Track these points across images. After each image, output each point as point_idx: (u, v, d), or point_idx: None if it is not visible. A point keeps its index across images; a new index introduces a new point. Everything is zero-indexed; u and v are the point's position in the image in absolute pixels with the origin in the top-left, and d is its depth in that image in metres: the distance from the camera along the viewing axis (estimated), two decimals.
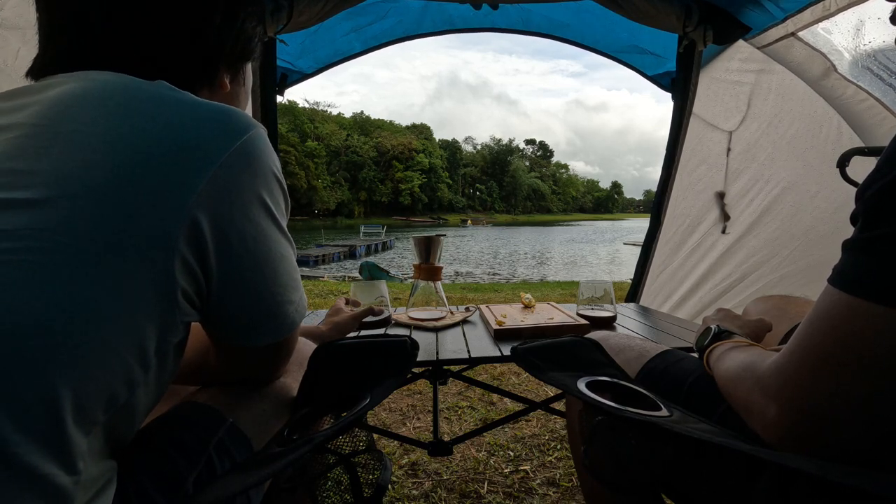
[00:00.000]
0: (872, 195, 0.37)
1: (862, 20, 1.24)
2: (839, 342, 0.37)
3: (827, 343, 0.38)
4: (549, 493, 1.32)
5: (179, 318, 0.39)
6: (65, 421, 0.31)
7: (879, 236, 0.36)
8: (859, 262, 0.37)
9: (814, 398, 0.38)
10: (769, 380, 0.42)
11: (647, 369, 0.68)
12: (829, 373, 0.37)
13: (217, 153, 0.40)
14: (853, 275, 0.37)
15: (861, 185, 0.39)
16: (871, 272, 0.36)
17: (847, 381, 0.36)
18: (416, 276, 1.29)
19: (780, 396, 0.41)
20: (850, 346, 0.36)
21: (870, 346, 0.35)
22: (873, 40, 1.25)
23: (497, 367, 2.41)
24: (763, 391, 0.43)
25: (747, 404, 0.46)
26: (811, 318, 0.40)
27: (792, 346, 0.41)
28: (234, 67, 0.55)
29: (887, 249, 0.35)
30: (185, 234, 0.37)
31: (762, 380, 0.43)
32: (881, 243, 0.36)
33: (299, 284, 0.52)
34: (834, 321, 0.38)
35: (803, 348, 0.40)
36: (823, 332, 0.38)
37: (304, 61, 1.86)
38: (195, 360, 0.56)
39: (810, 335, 0.39)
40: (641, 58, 1.93)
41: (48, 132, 0.36)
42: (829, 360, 0.37)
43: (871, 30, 1.24)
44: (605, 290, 1.24)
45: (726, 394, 0.52)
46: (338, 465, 0.49)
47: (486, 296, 5.32)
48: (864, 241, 0.37)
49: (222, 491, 0.40)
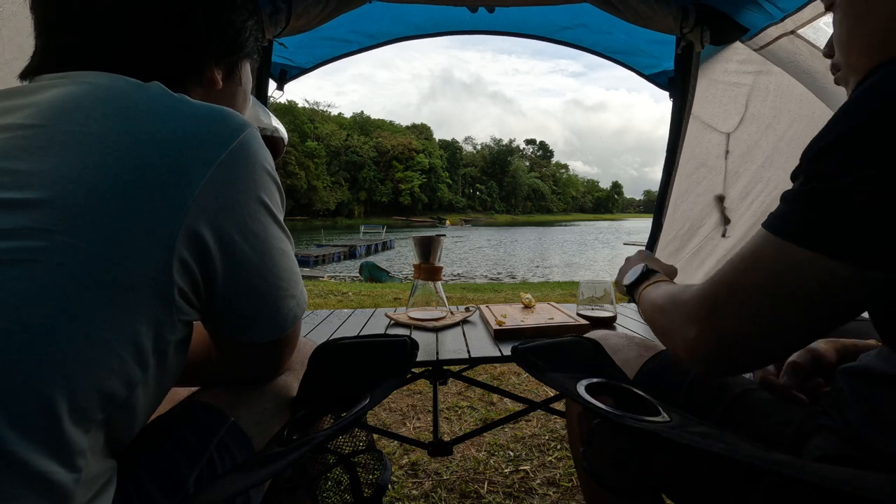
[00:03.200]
0: (812, 156, 0.41)
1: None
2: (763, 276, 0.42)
3: (751, 276, 0.43)
4: (549, 493, 1.32)
5: (177, 316, 0.39)
6: (61, 419, 0.32)
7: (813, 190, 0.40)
8: (793, 211, 0.42)
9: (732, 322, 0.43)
10: (692, 304, 0.47)
11: (646, 369, 0.68)
12: (749, 302, 0.42)
13: (214, 154, 0.40)
14: (786, 221, 0.42)
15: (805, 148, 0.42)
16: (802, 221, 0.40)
17: (764, 311, 0.42)
18: (416, 276, 1.29)
19: (700, 319, 0.45)
20: (771, 280, 0.41)
21: (789, 283, 0.40)
22: None
23: (497, 367, 2.41)
24: (685, 315, 0.47)
25: (670, 328, 0.50)
26: (740, 255, 0.45)
27: (716, 276, 0.46)
28: (225, 63, 0.55)
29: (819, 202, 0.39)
30: (183, 234, 0.38)
31: (685, 305, 0.48)
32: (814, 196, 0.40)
33: (299, 279, 0.52)
34: (762, 259, 0.43)
35: (728, 279, 0.45)
36: (749, 267, 0.43)
37: (303, 56, 1.86)
38: (196, 359, 0.56)
39: (735, 268, 0.44)
40: (638, 58, 1.94)
41: (46, 133, 0.37)
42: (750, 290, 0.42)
43: None
44: (606, 291, 1.24)
45: (650, 320, 0.58)
46: (338, 465, 0.49)
47: (486, 296, 5.32)
48: (800, 194, 0.41)
49: (223, 491, 0.40)
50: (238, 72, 0.57)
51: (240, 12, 0.54)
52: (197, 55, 0.51)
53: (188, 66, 0.51)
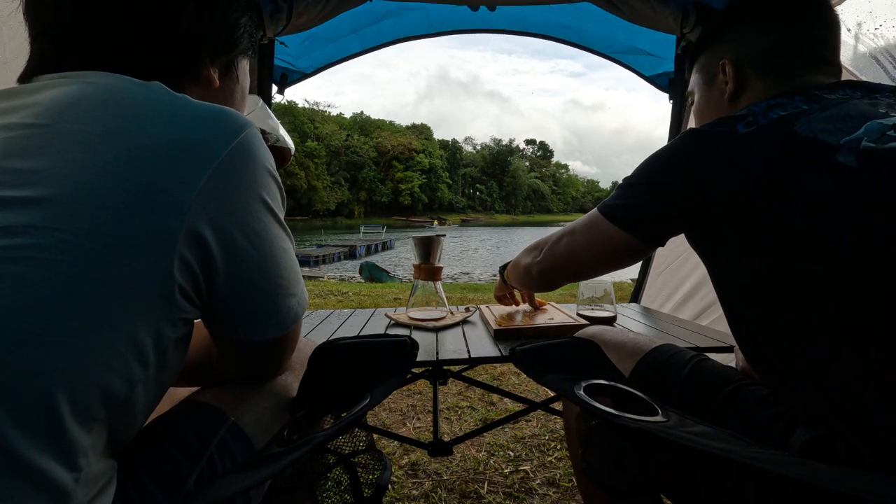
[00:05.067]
0: (639, 165, 0.66)
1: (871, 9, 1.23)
2: (586, 238, 0.72)
3: (577, 236, 0.74)
4: (549, 494, 1.32)
5: (178, 315, 0.40)
6: (63, 417, 0.32)
7: (625, 184, 0.67)
8: (612, 196, 0.69)
9: (560, 259, 0.78)
10: (541, 246, 0.83)
11: (642, 366, 0.69)
12: (574, 251, 0.75)
13: (215, 153, 0.40)
14: (609, 204, 0.68)
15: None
16: (614, 205, 0.67)
17: (580, 257, 0.74)
18: (416, 277, 1.29)
19: (542, 256, 0.81)
20: (590, 242, 0.71)
21: (601, 244, 0.69)
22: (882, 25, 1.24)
23: (497, 367, 2.41)
24: (535, 255, 0.84)
25: (526, 262, 0.87)
26: (580, 222, 0.74)
27: (556, 235, 0.80)
28: (221, 61, 0.55)
29: (627, 193, 0.66)
30: (184, 233, 0.38)
31: (537, 247, 0.85)
32: (626, 189, 0.67)
33: (300, 277, 0.53)
34: (589, 229, 0.72)
35: (562, 239, 0.77)
36: (578, 232, 0.74)
37: (304, 61, 1.86)
38: (197, 359, 0.56)
39: (571, 232, 0.76)
40: (639, 58, 1.94)
41: (47, 132, 0.37)
42: (577, 244, 0.74)
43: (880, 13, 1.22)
44: (606, 291, 1.24)
45: (514, 264, 0.97)
46: (338, 465, 0.50)
47: (486, 296, 5.32)
48: (620, 186, 0.68)
49: (223, 491, 0.40)
50: (235, 70, 0.57)
51: (233, 9, 0.54)
52: (191, 53, 0.51)
53: (183, 65, 0.51)
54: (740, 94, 0.69)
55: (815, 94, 0.57)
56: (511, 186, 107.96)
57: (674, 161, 0.61)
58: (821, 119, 0.52)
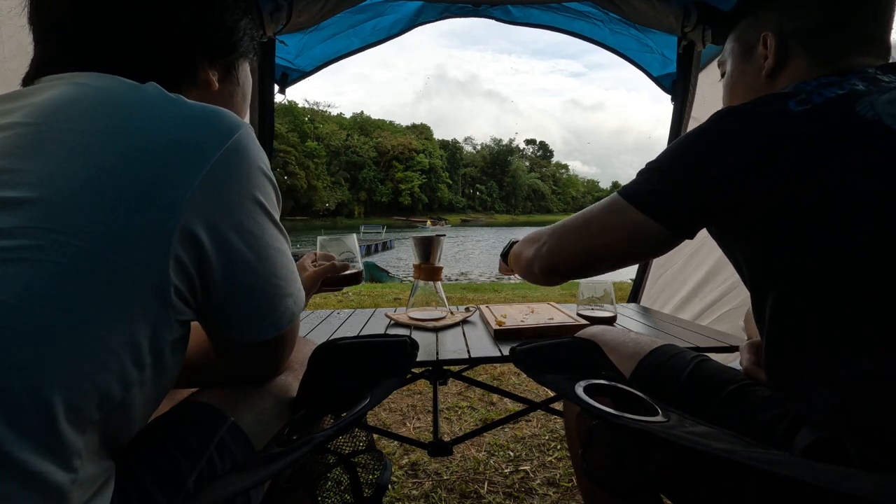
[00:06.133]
0: (668, 148, 0.59)
1: None
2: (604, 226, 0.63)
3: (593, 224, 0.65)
4: (549, 494, 1.32)
5: (174, 316, 0.39)
6: (58, 419, 0.32)
7: (654, 168, 0.60)
8: (637, 182, 0.61)
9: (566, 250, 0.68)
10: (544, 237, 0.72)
11: (643, 366, 0.68)
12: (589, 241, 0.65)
13: (209, 153, 0.40)
14: (635, 190, 0.60)
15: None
16: (642, 191, 0.60)
17: (596, 248, 0.64)
18: (416, 277, 1.29)
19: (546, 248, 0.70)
20: (610, 230, 0.62)
21: (623, 234, 0.61)
22: None
23: (497, 367, 2.41)
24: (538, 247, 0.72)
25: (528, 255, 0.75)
26: (595, 209, 0.65)
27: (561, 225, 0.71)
28: (220, 64, 0.54)
29: (656, 178, 0.59)
30: (179, 233, 0.38)
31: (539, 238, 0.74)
32: (654, 174, 0.59)
33: (297, 277, 0.52)
34: (608, 216, 0.63)
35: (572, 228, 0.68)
36: (594, 219, 0.65)
37: (304, 59, 1.85)
38: (195, 361, 0.56)
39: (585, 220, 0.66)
40: (650, 57, 1.90)
41: (41, 131, 0.37)
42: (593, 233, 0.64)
43: None
44: (605, 291, 1.24)
45: (515, 255, 0.82)
46: (338, 465, 0.49)
47: (486, 296, 5.32)
48: (646, 170, 0.61)
49: (223, 491, 0.40)
50: (235, 72, 0.57)
51: (232, 11, 0.54)
52: (188, 56, 0.51)
53: (180, 68, 0.51)
54: (780, 71, 0.63)
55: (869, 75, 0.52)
56: (511, 186, 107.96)
57: (715, 143, 0.54)
58: (883, 102, 0.47)
